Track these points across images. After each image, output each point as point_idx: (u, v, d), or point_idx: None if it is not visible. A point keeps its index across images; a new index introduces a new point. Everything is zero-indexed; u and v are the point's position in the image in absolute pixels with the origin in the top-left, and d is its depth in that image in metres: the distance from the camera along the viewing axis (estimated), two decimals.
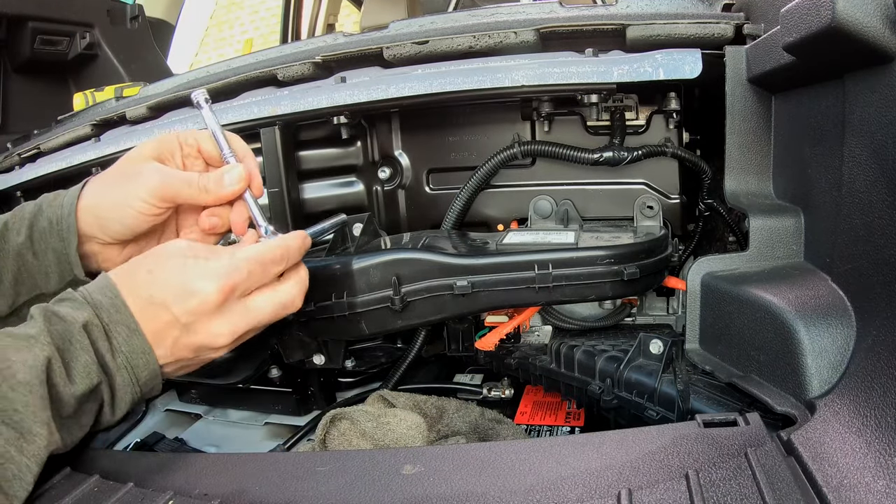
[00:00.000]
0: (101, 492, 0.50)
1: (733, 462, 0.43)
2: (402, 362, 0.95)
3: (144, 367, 0.54)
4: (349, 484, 0.49)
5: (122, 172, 0.64)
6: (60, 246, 0.63)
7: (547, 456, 0.49)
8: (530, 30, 0.80)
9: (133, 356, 0.53)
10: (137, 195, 0.62)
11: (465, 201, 0.92)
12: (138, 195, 0.62)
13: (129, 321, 0.53)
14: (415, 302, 0.72)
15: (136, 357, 0.54)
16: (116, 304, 0.53)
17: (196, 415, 1.16)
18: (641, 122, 0.91)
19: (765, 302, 0.58)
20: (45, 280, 0.65)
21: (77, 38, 1.24)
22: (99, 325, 0.52)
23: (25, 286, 0.65)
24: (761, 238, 0.67)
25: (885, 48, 0.44)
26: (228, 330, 0.57)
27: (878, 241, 0.48)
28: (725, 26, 0.73)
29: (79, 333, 0.51)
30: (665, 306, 0.91)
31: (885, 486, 0.39)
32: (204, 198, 0.64)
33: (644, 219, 0.88)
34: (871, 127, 0.48)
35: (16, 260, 0.64)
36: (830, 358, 0.51)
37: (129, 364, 0.53)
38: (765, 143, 0.72)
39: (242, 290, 0.57)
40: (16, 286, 0.65)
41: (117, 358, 0.53)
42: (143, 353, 0.54)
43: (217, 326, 0.56)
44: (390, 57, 0.85)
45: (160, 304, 0.54)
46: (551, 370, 0.81)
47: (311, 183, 0.99)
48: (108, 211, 0.63)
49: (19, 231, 0.64)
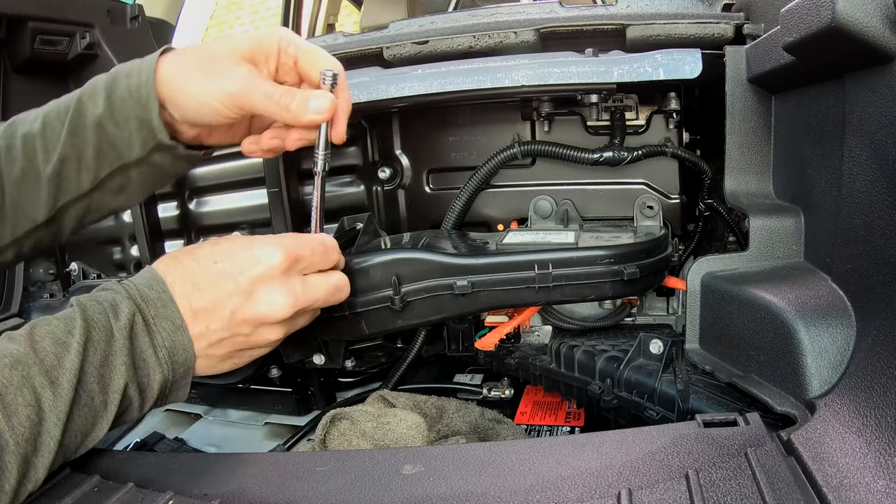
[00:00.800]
0: (101, 492, 0.49)
1: (733, 462, 0.43)
2: (402, 362, 0.95)
3: (182, 364, 0.55)
4: (349, 484, 0.49)
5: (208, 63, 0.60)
6: (142, 113, 0.61)
7: (547, 456, 0.49)
8: (530, 30, 0.80)
9: (175, 352, 0.54)
10: (216, 96, 0.59)
11: (465, 201, 0.92)
12: (217, 96, 0.59)
13: (174, 317, 0.54)
14: (415, 302, 0.72)
15: (178, 353, 0.54)
16: (163, 298, 0.54)
17: (196, 415, 1.16)
18: (641, 122, 0.91)
19: (765, 302, 0.58)
20: (127, 149, 0.63)
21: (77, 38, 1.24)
22: (141, 322, 0.53)
23: (108, 158, 0.63)
24: (761, 238, 0.67)
25: (885, 48, 0.44)
26: (289, 301, 0.56)
27: (878, 241, 0.48)
28: (725, 26, 0.73)
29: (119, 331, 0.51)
30: (665, 306, 0.91)
31: (885, 486, 0.39)
32: (283, 115, 0.61)
33: (644, 219, 0.88)
34: (871, 127, 0.48)
35: (95, 131, 0.62)
36: (830, 358, 0.51)
37: (169, 360, 0.54)
38: (765, 143, 0.72)
39: (304, 265, 0.59)
40: (97, 158, 0.63)
41: (159, 353, 0.53)
42: (184, 349, 0.54)
43: (278, 295, 0.56)
44: (390, 57, 0.85)
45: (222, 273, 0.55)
46: (551, 370, 0.81)
47: (311, 183, 0.99)
48: (184, 99, 0.61)
49: (96, 102, 0.62)
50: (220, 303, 0.55)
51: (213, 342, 0.56)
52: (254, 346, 0.59)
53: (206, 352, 0.56)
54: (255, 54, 0.61)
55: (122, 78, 0.62)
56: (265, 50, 0.61)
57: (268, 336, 0.58)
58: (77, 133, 0.62)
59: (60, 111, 0.63)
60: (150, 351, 0.53)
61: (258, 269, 0.55)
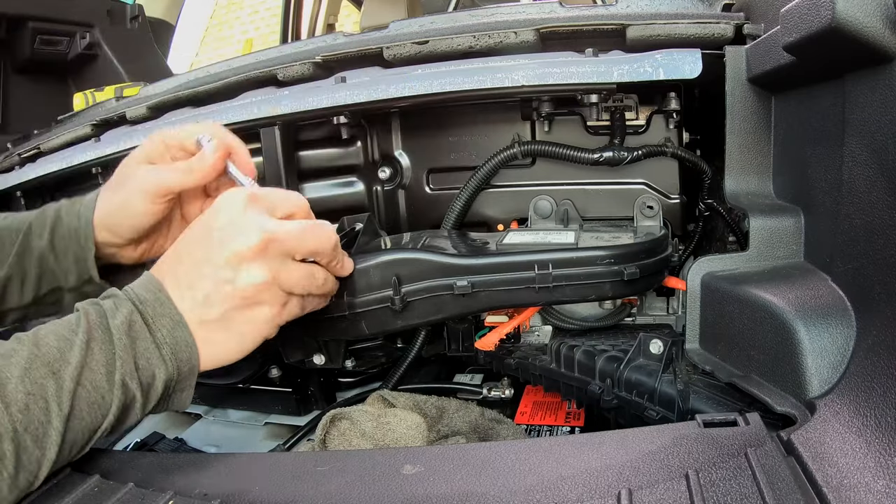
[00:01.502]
0: (101, 492, 0.50)
1: (733, 462, 0.43)
2: (402, 362, 0.95)
3: (186, 362, 0.56)
4: (349, 484, 0.49)
5: (119, 180, 0.71)
6: (80, 252, 0.72)
7: (547, 456, 0.49)
8: (530, 30, 0.80)
9: (177, 348, 0.55)
10: (135, 195, 0.69)
11: (465, 201, 0.92)
12: (136, 195, 0.69)
13: (172, 313, 0.55)
14: (415, 302, 0.72)
15: (181, 349, 0.55)
16: (160, 298, 0.55)
17: (196, 415, 1.16)
18: (641, 122, 0.91)
19: (765, 302, 0.58)
20: (64, 278, 0.73)
21: (77, 38, 1.24)
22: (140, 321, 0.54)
23: (47, 280, 0.74)
24: (761, 238, 0.67)
25: (885, 48, 0.44)
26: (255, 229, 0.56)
27: (878, 241, 0.48)
28: (725, 26, 0.73)
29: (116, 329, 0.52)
30: (665, 306, 0.91)
31: (885, 486, 0.39)
32: (192, 178, 0.69)
33: (644, 219, 0.88)
34: (871, 127, 0.48)
35: (38, 260, 0.72)
36: (830, 358, 0.51)
37: (173, 357, 0.54)
38: (765, 143, 0.72)
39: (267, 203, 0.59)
40: (38, 281, 0.74)
41: (162, 350, 0.54)
42: (186, 346, 0.55)
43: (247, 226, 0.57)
44: (390, 57, 0.85)
45: (192, 239, 0.58)
46: (551, 370, 0.81)
47: (311, 183, 0.99)
48: (114, 217, 0.71)
49: (41, 235, 0.72)
50: (196, 261, 0.56)
51: (199, 301, 0.55)
52: (244, 298, 0.57)
53: (200, 319, 0.56)
54: (149, 155, 0.71)
55: (65, 217, 0.72)
56: (155, 148, 0.71)
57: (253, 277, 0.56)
58: (23, 257, 0.73)
59: (13, 231, 0.73)
60: (152, 347, 0.53)
61: (220, 218, 0.57)
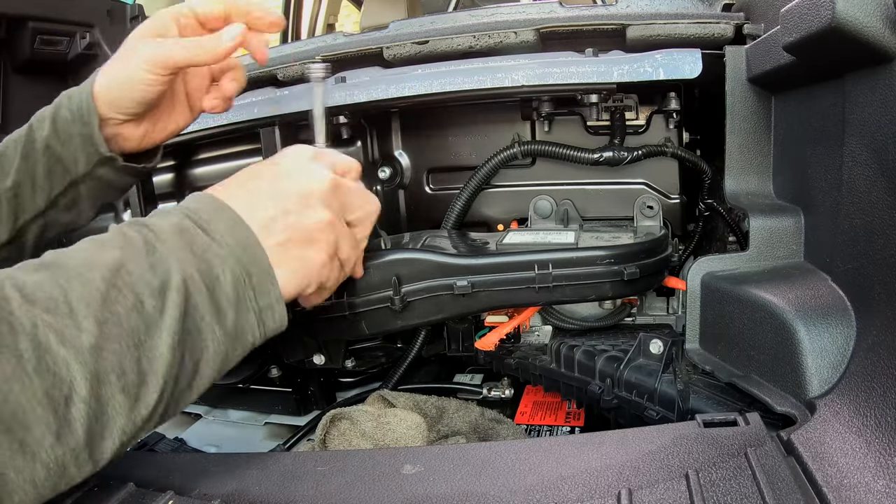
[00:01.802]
0: (102, 492, 0.49)
1: (733, 462, 0.43)
2: (402, 362, 0.95)
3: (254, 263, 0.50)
4: (349, 484, 0.49)
5: (121, 54, 0.67)
6: (84, 129, 0.67)
7: (547, 456, 0.49)
8: (530, 30, 0.80)
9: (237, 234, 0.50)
10: (139, 66, 0.64)
11: (465, 201, 0.92)
12: (139, 66, 0.64)
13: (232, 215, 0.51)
14: (415, 302, 0.72)
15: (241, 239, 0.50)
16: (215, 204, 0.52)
17: (196, 415, 1.16)
18: (641, 122, 0.91)
19: (765, 302, 0.58)
20: (74, 165, 0.68)
21: (77, 39, 1.24)
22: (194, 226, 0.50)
23: (57, 176, 0.69)
24: (761, 238, 0.67)
25: (885, 48, 0.44)
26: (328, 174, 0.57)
27: (878, 241, 0.48)
28: (725, 26, 0.73)
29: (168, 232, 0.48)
30: (665, 306, 0.91)
31: (885, 486, 0.39)
32: (201, 55, 0.64)
33: (644, 219, 0.88)
34: (871, 127, 0.48)
35: (45, 153, 0.68)
36: (830, 358, 0.51)
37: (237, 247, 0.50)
38: (765, 143, 0.72)
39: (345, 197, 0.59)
40: (48, 178, 0.68)
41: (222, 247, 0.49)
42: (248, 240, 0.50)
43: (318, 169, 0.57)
44: (390, 57, 0.85)
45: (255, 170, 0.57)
46: (551, 370, 0.81)
47: None
48: (116, 89, 0.66)
49: (43, 126, 0.68)
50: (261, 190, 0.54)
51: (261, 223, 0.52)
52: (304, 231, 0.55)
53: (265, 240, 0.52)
54: (156, 30, 0.66)
55: (65, 101, 0.68)
56: (164, 24, 0.66)
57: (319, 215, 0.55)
58: (29, 156, 0.68)
59: (15, 140, 0.69)
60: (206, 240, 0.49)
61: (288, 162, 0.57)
